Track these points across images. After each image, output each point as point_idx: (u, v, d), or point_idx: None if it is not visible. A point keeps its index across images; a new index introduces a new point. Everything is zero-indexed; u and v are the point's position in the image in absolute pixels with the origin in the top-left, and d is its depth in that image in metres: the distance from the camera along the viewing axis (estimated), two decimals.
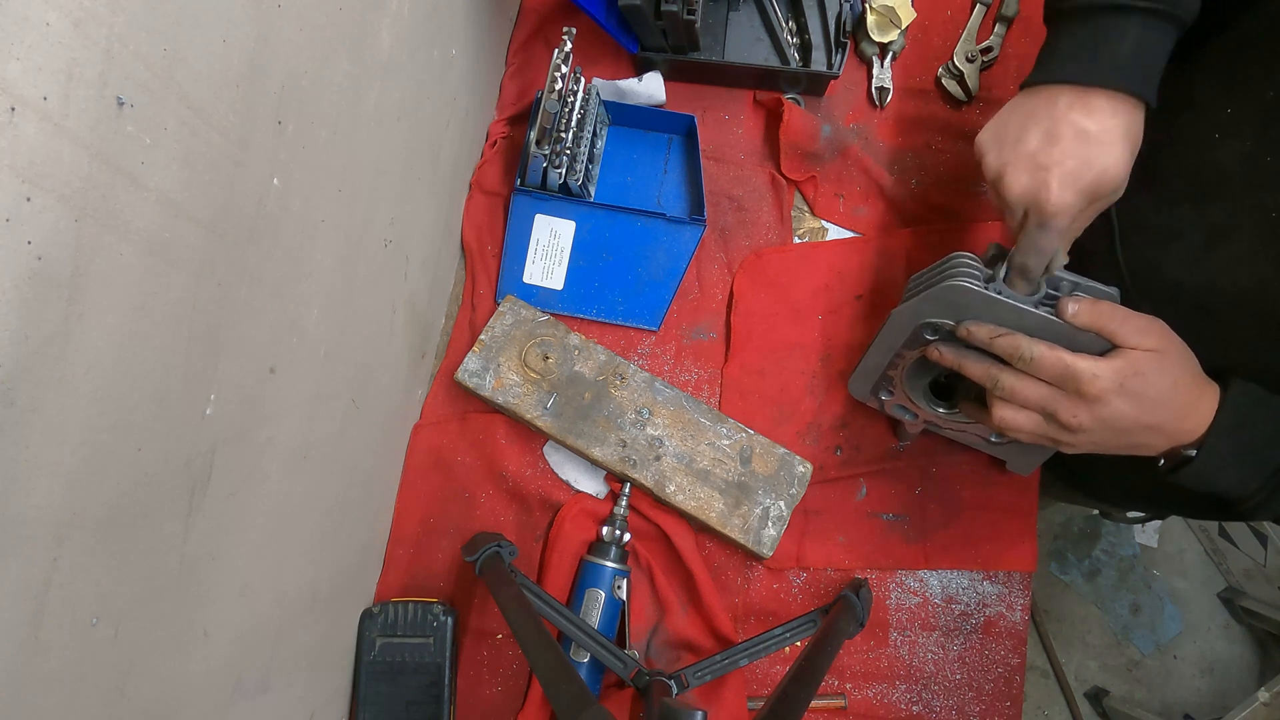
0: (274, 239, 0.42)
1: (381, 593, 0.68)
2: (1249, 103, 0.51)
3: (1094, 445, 0.51)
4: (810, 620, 0.64)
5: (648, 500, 0.68)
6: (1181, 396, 0.49)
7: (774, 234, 0.74)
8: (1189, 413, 0.49)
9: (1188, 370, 0.50)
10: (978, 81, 0.74)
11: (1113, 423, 0.48)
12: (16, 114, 0.25)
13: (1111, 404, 0.48)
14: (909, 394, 0.63)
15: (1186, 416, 0.49)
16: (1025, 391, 0.51)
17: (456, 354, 0.72)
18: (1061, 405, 0.49)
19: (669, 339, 0.73)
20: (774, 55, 0.75)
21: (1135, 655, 1.60)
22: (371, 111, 0.51)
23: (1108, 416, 0.48)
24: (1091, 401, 0.48)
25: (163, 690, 0.39)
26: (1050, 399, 0.50)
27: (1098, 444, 0.51)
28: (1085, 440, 0.50)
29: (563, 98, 0.65)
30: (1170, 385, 0.48)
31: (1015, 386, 0.51)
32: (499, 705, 0.67)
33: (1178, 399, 0.49)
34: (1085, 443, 0.51)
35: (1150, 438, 0.49)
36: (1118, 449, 0.51)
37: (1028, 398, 0.51)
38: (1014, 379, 0.51)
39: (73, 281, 0.29)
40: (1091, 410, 0.48)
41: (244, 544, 0.45)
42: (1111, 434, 0.49)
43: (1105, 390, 0.48)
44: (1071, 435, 0.50)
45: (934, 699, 0.69)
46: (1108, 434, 0.49)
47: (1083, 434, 0.50)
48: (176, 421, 0.36)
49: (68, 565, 0.31)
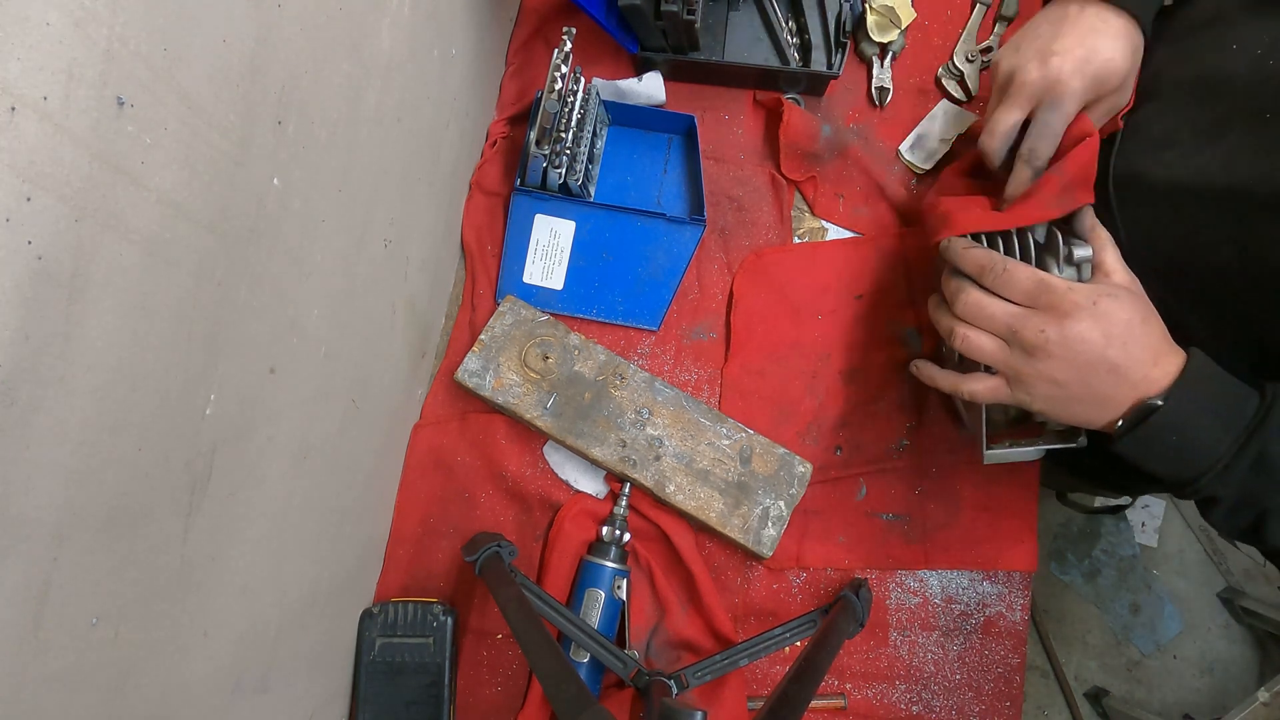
0: (274, 239, 0.42)
1: (381, 593, 0.68)
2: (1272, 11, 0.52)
3: (1051, 388, 0.49)
4: (810, 620, 0.64)
5: (648, 500, 0.68)
6: (1151, 337, 0.48)
7: (774, 234, 0.74)
8: (1156, 358, 0.47)
9: (1156, 319, 0.49)
10: (978, 81, 0.75)
11: (1078, 349, 0.47)
12: (16, 114, 0.25)
13: (1081, 322, 0.47)
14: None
15: (1154, 362, 0.47)
16: (990, 308, 0.50)
17: (456, 354, 0.72)
18: (1029, 322, 0.48)
19: (669, 339, 0.73)
20: (774, 55, 0.75)
21: (1135, 655, 1.61)
22: (371, 111, 0.51)
23: (1074, 339, 0.47)
24: (1062, 317, 0.47)
25: (163, 690, 0.39)
26: (1017, 316, 0.49)
27: (1056, 383, 0.48)
28: (1045, 374, 0.48)
29: (563, 98, 0.65)
30: (1140, 320, 0.48)
31: (980, 301, 0.50)
32: (499, 705, 0.67)
33: (1148, 338, 0.48)
34: (1044, 380, 0.48)
35: (1111, 384, 0.47)
36: (1074, 400, 0.49)
37: (993, 314, 0.50)
38: (979, 294, 0.50)
39: (73, 281, 0.29)
40: (1060, 327, 0.47)
41: (244, 544, 0.45)
42: (1073, 369, 0.47)
43: (1078, 304, 0.47)
44: (1032, 364, 0.48)
45: (934, 699, 0.69)
46: (1069, 369, 0.47)
47: (1044, 361, 0.48)
48: (176, 421, 0.36)
49: (68, 565, 0.31)
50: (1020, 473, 0.70)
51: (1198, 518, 1.63)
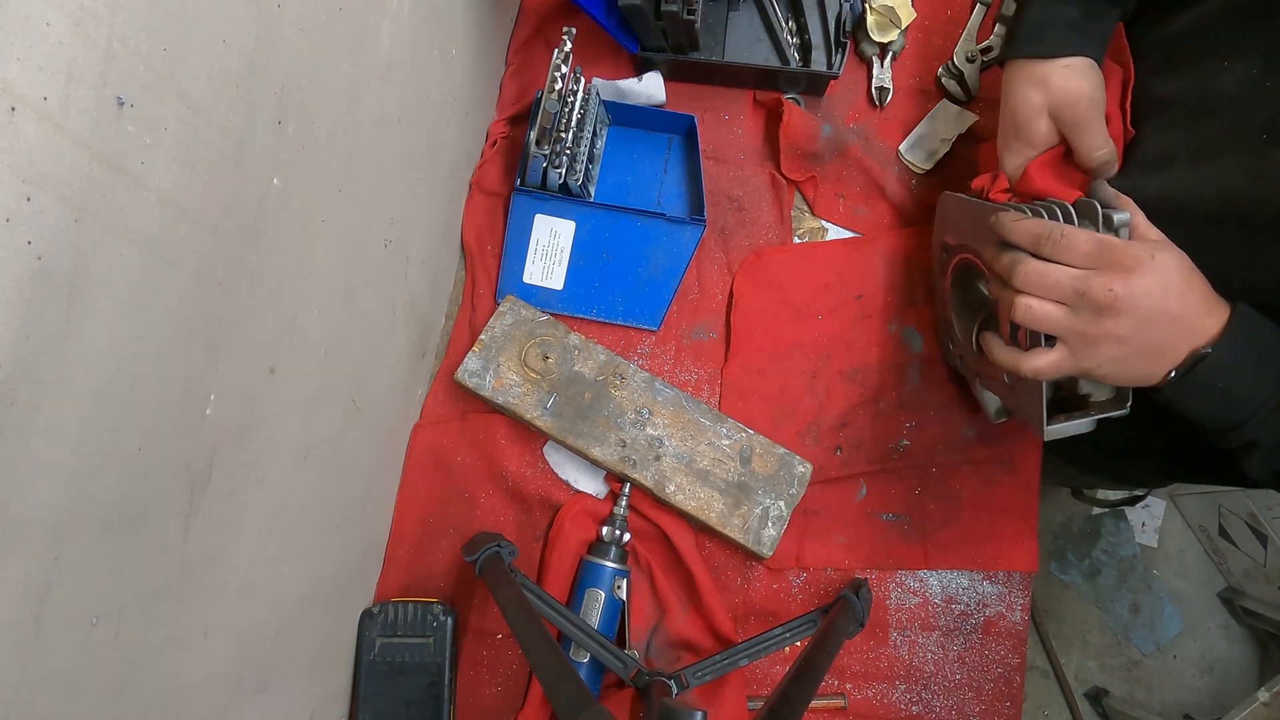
0: (274, 239, 0.42)
1: (381, 593, 0.68)
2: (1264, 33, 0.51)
3: (1116, 346, 0.49)
4: (810, 620, 0.64)
5: (648, 500, 0.68)
6: (1202, 286, 0.49)
7: (774, 234, 0.74)
8: (1211, 307, 0.48)
9: (1198, 272, 0.49)
10: (978, 81, 0.74)
11: (1143, 302, 0.47)
12: (16, 114, 0.25)
13: (1145, 275, 0.47)
14: (960, 335, 0.64)
15: (1209, 311, 0.48)
16: (1054, 274, 0.49)
17: (456, 354, 0.72)
18: (1095, 281, 0.48)
19: (669, 339, 0.73)
20: (774, 55, 0.75)
21: (1135, 655, 1.61)
22: (371, 111, 0.51)
23: (1140, 292, 0.47)
24: (1126, 272, 0.47)
25: (163, 690, 0.39)
26: (1081, 279, 0.48)
27: (1121, 340, 0.49)
28: (1112, 332, 0.48)
29: (563, 98, 0.65)
30: (1189, 269, 0.48)
31: (1042, 269, 0.50)
32: (499, 705, 0.67)
33: (1200, 287, 0.48)
34: (1110, 339, 0.49)
35: (1172, 335, 0.48)
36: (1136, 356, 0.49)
37: (1058, 280, 0.49)
38: (1039, 263, 0.50)
39: (73, 281, 0.29)
40: (1127, 282, 0.47)
41: (244, 544, 0.45)
42: (1139, 324, 0.48)
43: (1139, 259, 0.47)
44: (1100, 323, 0.48)
45: (934, 699, 0.69)
46: (1135, 324, 0.48)
47: (1113, 319, 0.48)
48: (176, 421, 0.36)
49: (68, 565, 0.31)
50: (1020, 472, 0.70)
51: (1198, 518, 1.63)
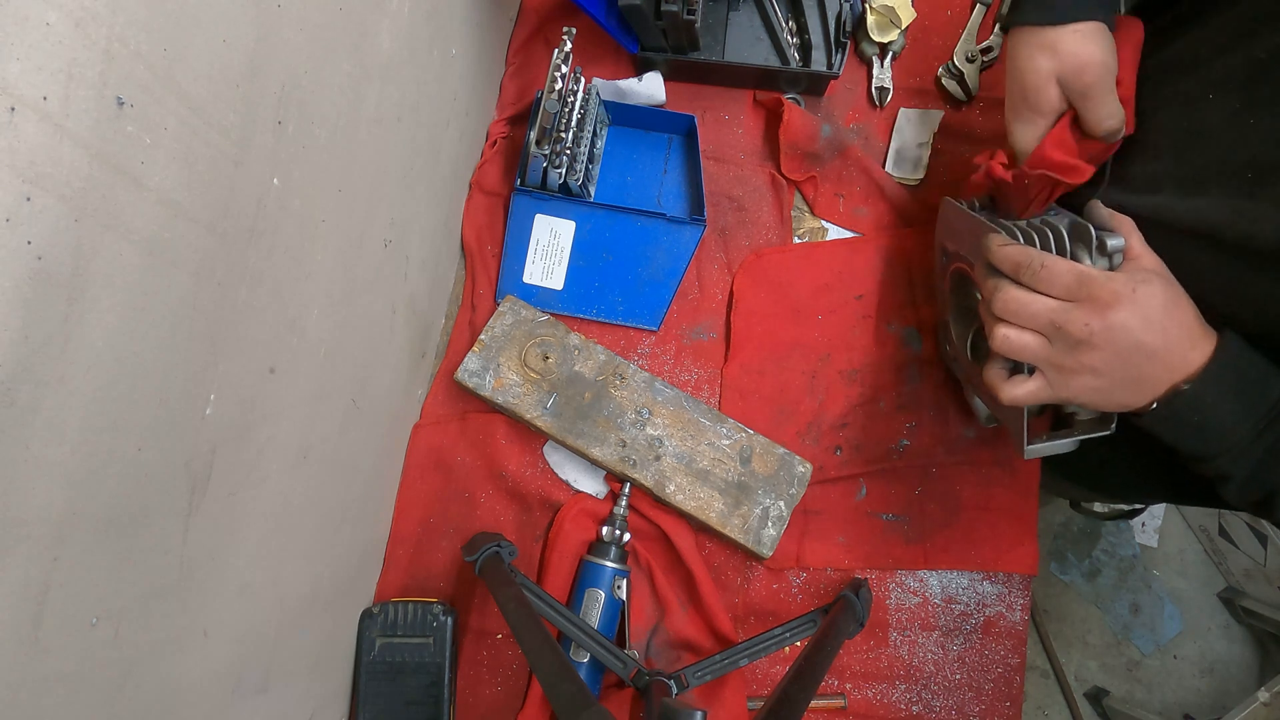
0: (274, 239, 0.42)
1: (381, 593, 0.68)
2: (1242, 63, 0.51)
3: (1093, 378, 0.49)
4: (810, 620, 0.64)
5: (647, 500, 0.68)
6: (1187, 320, 0.48)
7: (774, 234, 0.74)
8: (1193, 341, 0.48)
9: (1188, 301, 0.49)
10: (978, 81, 0.74)
11: (1120, 338, 0.47)
12: (16, 114, 0.25)
13: (1122, 310, 0.47)
14: (956, 342, 0.65)
15: (1192, 345, 0.48)
16: (1032, 305, 0.49)
17: (456, 354, 0.72)
18: (1072, 315, 0.48)
19: (669, 339, 0.73)
20: (774, 55, 0.75)
21: (1135, 655, 1.60)
22: (371, 111, 0.51)
23: (1116, 327, 0.47)
24: (1104, 307, 0.47)
25: (163, 690, 0.39)
26: (1059, 310, 0.48)
27: (1098, 372, 0.49)
28: (1088, 365, 0.48)
29: (563, 98, 0.65)
30: (1175, 304, 0.48)
31: (1020, 298, 0.50)
32: (499, 705, 0.67)
33: (1184, 321, 0.48)
34: (1086, 371, 0.49)
35: (1151, 369, 0.48)
36: (1115, 387, 0.49)
37: (1035, 312, 0.49)
38: (1018, 291, 0.50)
39: (73, 281, 0.29)
40: (1104, 317, 0.47)
41: (244, 544, 0.45)
42: (1115, 358, 0.48)
43: (1118, 293, 0.47)
44: (1075, 357, 0.48)
45: (934, 699, 0.69)
46: (1111, 358, 0.48)
47: (1088, 353, 0.48)
48: (176, 421, 0.36)
49: (68, 565, 0.31)
50: (1020, 475, 0.70)
51: (1198, 518, 1.63)
